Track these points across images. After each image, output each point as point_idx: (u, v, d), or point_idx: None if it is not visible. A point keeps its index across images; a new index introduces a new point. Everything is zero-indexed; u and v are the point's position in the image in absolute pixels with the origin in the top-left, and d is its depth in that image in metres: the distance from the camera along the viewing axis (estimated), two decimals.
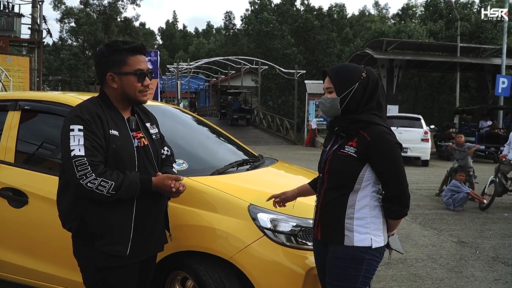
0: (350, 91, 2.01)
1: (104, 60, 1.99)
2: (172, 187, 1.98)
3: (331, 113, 2.09)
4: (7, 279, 2.99)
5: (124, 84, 1.99)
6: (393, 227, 2.15)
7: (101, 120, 1.92)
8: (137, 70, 1.99)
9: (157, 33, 69.28)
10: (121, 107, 2.05)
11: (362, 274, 2.00)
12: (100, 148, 1.87)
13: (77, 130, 1.84)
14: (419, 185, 9.82)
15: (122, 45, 1.98)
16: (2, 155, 2.96)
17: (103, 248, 1.93)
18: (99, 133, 1.88)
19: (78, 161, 1.80)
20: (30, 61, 18.64)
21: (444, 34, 27.84)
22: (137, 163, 2.00)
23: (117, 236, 1.95)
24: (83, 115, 1.88)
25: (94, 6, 42.15)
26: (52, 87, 40.56)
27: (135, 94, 2.02)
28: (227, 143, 3.77)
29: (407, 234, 5.67)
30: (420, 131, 13.73)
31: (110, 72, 1.98)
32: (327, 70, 2.10)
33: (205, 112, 40.62)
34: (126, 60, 1.97)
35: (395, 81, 20.28)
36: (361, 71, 2.06)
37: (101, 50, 2.02)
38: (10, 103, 3.10)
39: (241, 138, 18.83)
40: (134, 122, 2.08)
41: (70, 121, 1.88)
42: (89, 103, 1.99)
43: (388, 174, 1.98)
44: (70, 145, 1.82)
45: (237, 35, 43.77)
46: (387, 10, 56.01)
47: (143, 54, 2.05)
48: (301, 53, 33.89)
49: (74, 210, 1.95)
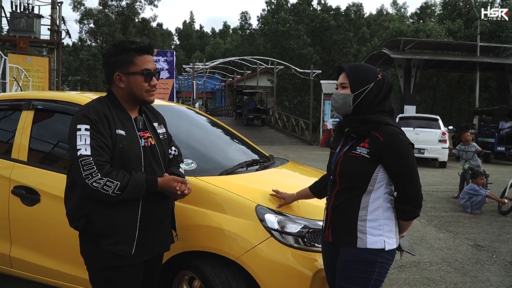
0: (365, 89, 2.00)
1: (112, 60, 2.00)
2: (177, 189, 1.98)
3: (342, 110, 2.06)
4: (19, 276, 3.04)
5: (131, 83, 1.99)
6: (404, 228, 2.11)
7: (107, 120, 1.92)
8: (144, 70, 1.99)
9: (174, 34, 69.84)
10: (128, 106, 2.06)
11: (374, 277, 1.98)
12: (106, 147, 1.88)
13: (83, 130, 1.85)
14: (435, 187, 9.67)
15: (129, 45, 1.98)
16: (16, 154, 3.00)
17: (108, 248, 1.94)
18: (105, 132, 1.89)
19: (84, 160, 1.81)
20: (49, 62, 18.98)
21: (463, 33, 27.36)
22: (143, 163, 2.00)
23: (122, 235, 1.96)
24: (90, 115, 1.89)
25: (112, 7, 42.74)
26: (72, 87, 41.28)
27: (142, 94, 2.02)
28: (238, 143, 3.77)
29: (422, 237, 5.58)
30: (437, 132, 13.50)
31: (117, 72, 1.99)
32: (343, 66, 2.09)
33: (221, 112, 40.78)
34: (133, 60, 1.98)
35: (412, 81, 19.99)
36: (377, 72, 2.06)
37: (109, 50, 2.03)
38: (24, 103, 3.14)
39: (256, 138, 18.69)
40: (141, 122, 2.09)
41: (77, 120, 1.89)
42: (97, 103, 2.00)
43: (401, 175, 1.96)
44: (76, 145, 1.83)
45: (253, 35, 43.84)
46: (405, 9, 55.39)
47: (151, 54, 2.05)
48: (317, 53, 33.74)
49: (80, 209, 1.97)
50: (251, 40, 44.09)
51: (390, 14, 51.01)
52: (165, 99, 16.94)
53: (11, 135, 3.09)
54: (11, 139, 3.08)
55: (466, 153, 8.07)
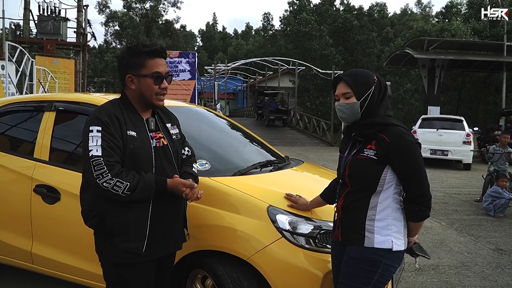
0: (368, 94, 2.02)
1: (124, 62, 2.05)
2: (186, 194, 2.01)
3: (351, 119, 2.07)
4: (40, 272, 3.14)
5: (141, 86, 2.05)
6: (414, 230, 2.09)
7: (119, 121, 1.98)
8: (155, 72, 2.04)
9: (197, 35, 70.43)
10: (140, 108, 2.11)
11: (376, 277, 1.98)
12: (117, 148, 1.93)
13: (95, 131, 1.91)
14: (459, 190, 9.48)
15: (142, 48, 2.03)
16: (38, 154, 3.11)
17: (121, 245, 2.00)
18: (116, 134, 1.95)
19: (95, 161, 1.87)
20: (75, 63, 19.46)
21: (489, 33, 26.66)
22: (154, 163, 2.05)
23: (133, 233, 2.01)
24: (101, 117, 1.96)
25: (136, 10, 43.45)
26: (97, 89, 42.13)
27: (151, 96, 2.06)
28: (254, 144, 3.80)
29: (442, 240, 5.50)
30: (462, 133, 13.21)
31: (129, 74, 2.05)
32: (342, 76, 2.09)
33: (243, 113, 40.86)
34: (144, 63, 2.03)
35: (436, 81, 19.57)
36: (373, 75, 2.08)
37: (122, 53, 2.09)
38: (46, 104, 3.25)
39: (277, 139, 18.74)
40: (153, 123, 2.13)
41: (90, 122, 1.96)
42: (109, 105, 2.06)
43: (408, 173, 1.96)
44: (88, 146, 1.90)
45: (276, 36, 43.79)
46: (430, 8, 54.36)
47: (163, 57, 2.09)
48: (339, 54, 33.48)
49: (94, 208, 2.03)
50: (273, 41, 44.04)
51: (415, 13, 50.18)
52: (186, 100, 17.14)
53: (34, 135, 3.20)
54: (34, 139, 3.20)
55: (501, 155, 7.89)
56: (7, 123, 3.53)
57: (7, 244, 3.17)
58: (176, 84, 19.01)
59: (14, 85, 11.36)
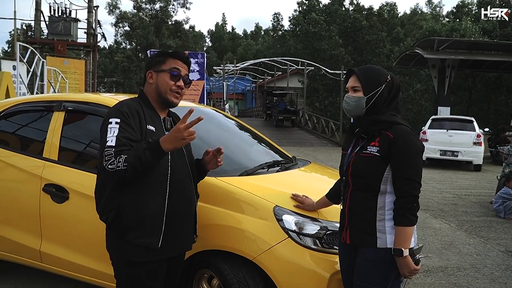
0: (377, 92, 2.02)
1: (149, 60, 2.23)
2: (185, 135, 1.85)
3: (354, 112, 2.07)
4: (49, 271, 3.18)
5: (158, 80, 2.14)
6: (398, 236, 1.93)
7: (138, 115, 2.04)
8: (172, 68, 2.14)
9: (206, 35, 70.61)
10: (158, 107, 2.18)
11: (393, 277, 1.98)
12: (132, 139, 1.95)
13: (114, 123, 1.96)
14: (469, 191, 9.40)
15: (165, 50, 2.22)
16: (47, 153, 3.14)
17: (135, 241, 2.01)
18: (135, 126, 1.99)
19: (107, 151, 1.91)
20: (85, 64, 19.62)
21: (498, 32, 26.38)
22: (170, 162, 2.07)
23: (149, 228, 2.03)
24: (122, 108, 2.02)
25: (146, 10, 43.64)
26: (107, 89, 42.43)
27: (166, 91, 2.14)
28: (261, 145, 3.80)
29: (451, 242, 5.45)
30: (472, 134, 13.10)
31: (150, 70, 2.18)
32: (354, 69, 2.09)
33: (251, 113, 40.89)
34: (165, 60, 2.16)
35: (446, 81, 19.41)
36: (386, 74, 2.08)
37: (152, 55, 2.27)
38: (56, 104, 3.29)
39: (285, 140, 18.72)
40: (169, 122, 2.20)
41: (110, 114, 2.02)
42: (130, 100, 2.14)
43: (404, 171, 1.92)
44: (106, 136, 1.94)
45: (285, 36, 43.75)
46: (440, 7, 53.94)
47: (185, 62, 2.20)
48: (349, 54, 33.34)
49: (110, 202, 2.03)
50: (283, 41, 44.01)
51: (425, 13, 49.81)
52: (195, 101, 17.18)
53: (44, 135, 3.24)
54: (43, 139, 3.23)
55: (510, 156, 7.80)
56: (17, 123, 3.58)
57: (17, 243, 3.21)
58: None
59: (25, 85, 11.49)
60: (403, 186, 1.93)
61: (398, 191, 1.96)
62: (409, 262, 1.93)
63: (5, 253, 3.35)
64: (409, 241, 1.94)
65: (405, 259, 1.92)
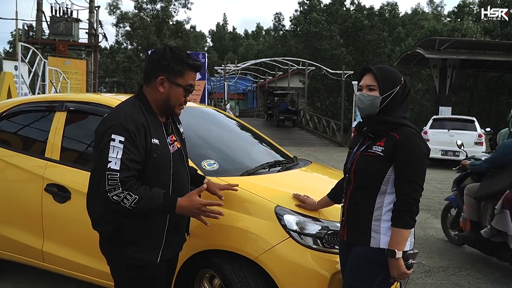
0: (392, 92, 2.02)
1: (165, 63, 1.95)
2: (202, 203, 1.91)
3: (367, 111, 2.06)
4: (51, 270, 3.19)
5: (172, 93, 1.98)
6: (393, 239, 1.93)
7: (144, 129, 1.89)
8: (189, 85, 2.00)
9: (207, 35, 70.66)
10: (159, 112, 2.04)
11: (380, 278, 1.97)
12: (137, 161, 1.85)
13: (117, 142, 1.81)
14: None
15: (187, 59, 1.97)
16: (49, 153, 3.16)
17: (134, 255, 1.94)
18: (140, 144, 1.86)
19: (111, 174, 1.79)
20: (86, 64, 19.64)
21: (499, 32, 26.35)
22: (172, 170, 2.00)
23: (150, 244, 1.97)
24: (127, 125, 1.84)
25: (147, 11, 43.73)
26: (108, 89, 42.49)
27: (175, 106, 2.02)
28: (262, 145, 3.81)
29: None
30: (473, 134, 13.09)
31: (163, 76, 1.96)
32: (371, 68, 2.08)
33: (252, 113, 40.89)
34: (184, 73, 1.97)
35: (448, 81, 19.40)
36: (400, 76, 2.08)
37: (165, 53, 1.96)
38: (57, 104, 3.30)
39: (286, 140, 18.68)
40: (170, 127, 2.09)
41: (113, 129, 1.83)
42: (132, 110, 1.93)
43: (407, 173, 1.93)
44: (108, 156, 1.80)
45: (286, 36, 43.77)
46: (442, 7, 53.90)
47: (198, 72, 2.11)
48: (350, 54, 33.35)
49: (107, 214, 1.95)
50: (284, 41, 44.05)
51: (426, 13, 49.77)
52: (196, 101, 17.18)
53: (46, 135, 3.25)
54: (45, 139, 3.24)
55: None
56: (19, 123, 3.59)
57: (19, 242, 3.22)
58: None
59: (26, 85, 11.50)
60: (404, 188, 1.94)
61: (399, 193, 1.96)
62: (400, 265, 1.92)
63: (7, 253, 3.36)
64: (403, 243, 1.93)
65: (397, 261, 1.92)
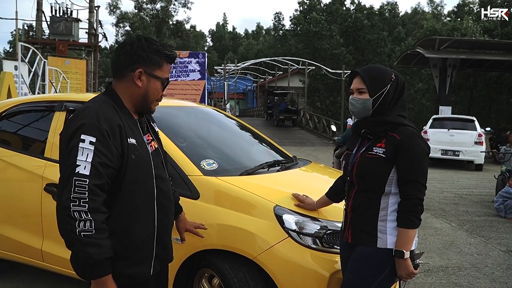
0: (382, 92, 2.00)
1: (142, 54, 1.76)
2: None
3: (361, 114, 2.07)
4: (50, 270, 3.19)
5: (150, 87, 1.80)
6: (400, 238, 1.94)
7: (120, 130, 1.68)
8: (166, 79, 1.85)
9: (207, 35, 70.63)
10: (133, 109, 1.83)
11: (381, 277, 1.97)
12: (109, 166, 1.62)
13: (88, 143, 1.58)
14: (470, 191, 9.40)
15: (163, 49, 1.82)
16: (49, 153, 3.16)
17: (125, 270, 1.72)
18: (116, 145, 1.64)
19: (79, 181, 1.54)
20: (86, 64, 19.65)
21: (499, 31, 26.35)
22: (154, 173, 1.80)
23: (140, 257, 1.78)
24: (100, 124, 1.62)
25: (147, 10, 43.71)
26: None
27: (152, 101, 1.84)
28: (262, 144, 3.81)
29: (452, 241, 5.45)
30: (473, 134, 13.10)
31: (141, 69, 1.77)
32: (358, 70, 2.08)
33: (252, 113, 40.88)
34: (162, 64, 1.82)
35: (448, 81, 19.39)
36: (391, 73, 2.06)
37: (141, 43, 1.78)
38: (57, 104, 3.30)
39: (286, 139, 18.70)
40: (145, 125, 1.89)
41: (84, 129, 1.60)
42: (105, 108, 1.71)
43: (409, 174, 1.93)
44: (76, 159, 1.56)
45: (286, 35, 43.76)
46: (442, 7, 53.86)
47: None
48: (350, 53, 33.36)
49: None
50: (284, 41, 44.04)
51: (426, 12, 49.77)
52: (196, 100, 17.20)
53: (45, 135, 3.25)
54: (45, 139, 3.24)
55: (510, 154, 7.80)
56: (19, 123, 3.59)
57: (18, 242, 3.23)
58: (186, 84, 19.11)
59: (26, 85, 11.50)
60: (408, 188, 1.94)
61: (403, 193, 1.96)
62: (408, 265, 1.93)
63: (7, 252, 3.36)
64: (411, 243, 1.94)
65: (405, 261, 1.93)
